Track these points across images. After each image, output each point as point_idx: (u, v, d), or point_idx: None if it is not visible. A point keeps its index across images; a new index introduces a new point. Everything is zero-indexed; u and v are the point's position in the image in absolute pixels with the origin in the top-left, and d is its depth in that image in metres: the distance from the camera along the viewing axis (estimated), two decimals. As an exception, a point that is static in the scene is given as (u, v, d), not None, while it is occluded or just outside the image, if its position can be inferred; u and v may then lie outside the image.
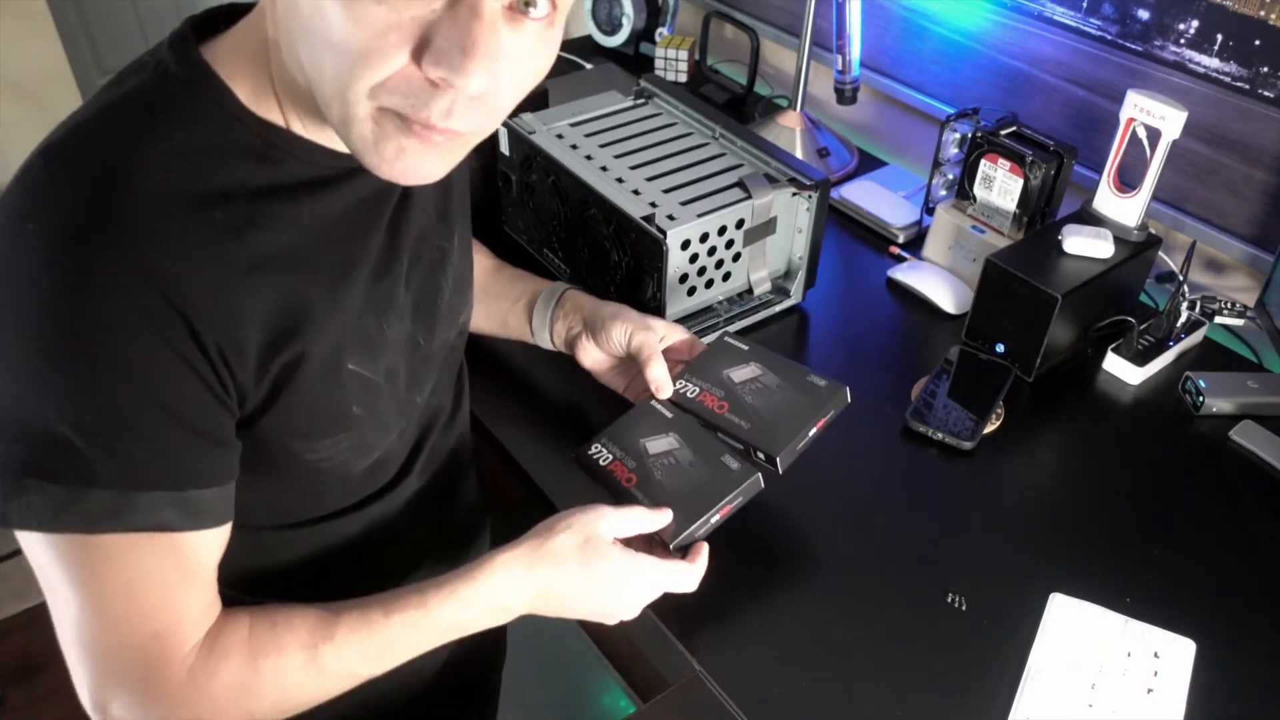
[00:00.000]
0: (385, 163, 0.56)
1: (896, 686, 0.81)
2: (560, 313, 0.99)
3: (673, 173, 1.15)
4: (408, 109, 0.53)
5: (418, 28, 0.51)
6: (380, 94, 0.53)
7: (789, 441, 0.86)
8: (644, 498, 0.84)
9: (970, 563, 0.92)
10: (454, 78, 0.51)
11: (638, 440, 0.89)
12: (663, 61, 1.71)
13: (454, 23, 0.51)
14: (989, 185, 1.22)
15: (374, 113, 0.54)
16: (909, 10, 1.45)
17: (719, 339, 0.96)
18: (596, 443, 0.90)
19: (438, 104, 0.53)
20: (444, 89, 0.52)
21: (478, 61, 0.51)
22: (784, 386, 0.91)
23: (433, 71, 0.51)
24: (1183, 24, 1.15)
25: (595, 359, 0.96)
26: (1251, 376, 1.12)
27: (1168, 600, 0.88)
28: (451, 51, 0.51)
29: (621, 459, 0.88)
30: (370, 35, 0.50)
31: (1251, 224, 1.18)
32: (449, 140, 0.56)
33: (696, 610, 0.87)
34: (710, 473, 0.85)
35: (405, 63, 0.52)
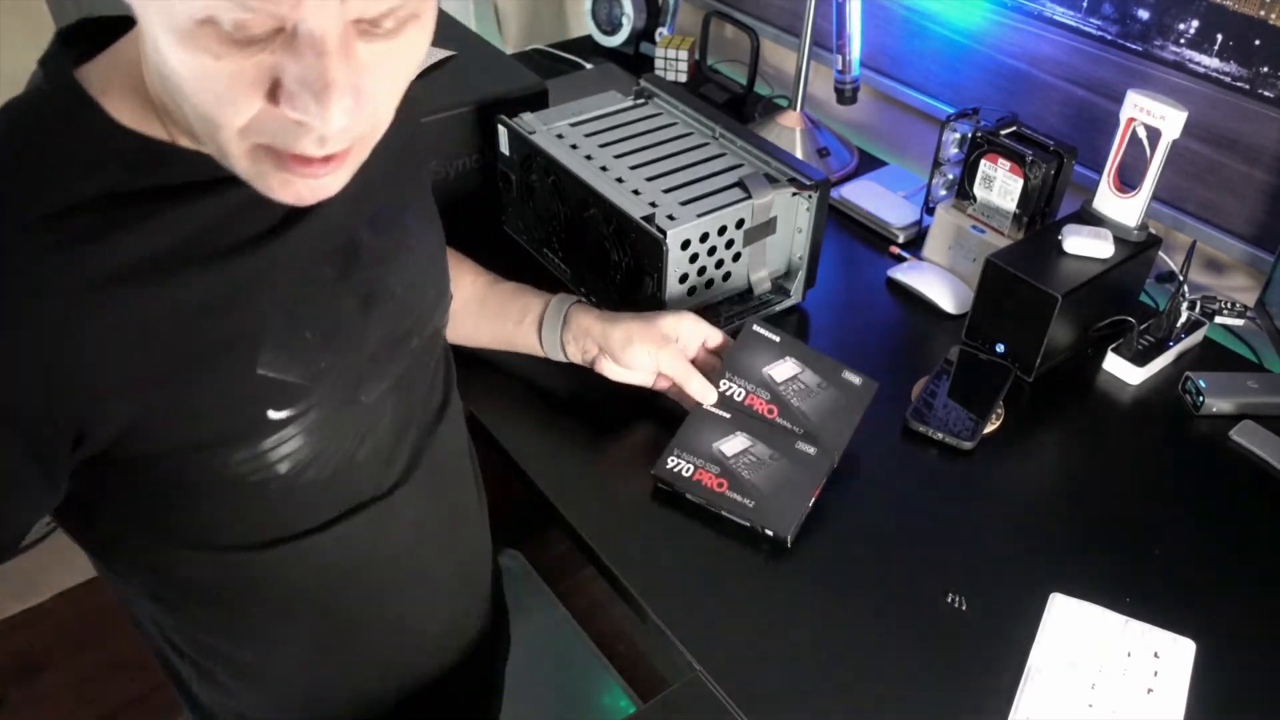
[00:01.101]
0: (275, 193, 0.55)
1: (896, 686, 0.81)
2: (569, 335, 0.99)
3: (673, 173, 1.15)
4: (280, 145, 0.52)
5: (262, 72, 0.49)
6: (249, 134, 0.51)
7: (842, 443, 0.95)
8: (743, 499, 0.91)
9: (970, 563, 0.92)
10: (312, 120, 0.49)
11: (710, 445, 0.94)
12: (663, 61, 1.71)
13: (298, 62, 0.48)
14: (989, 185, 1.22)
15: (248, 150, 0.53)
16: (909, 10, 1.45)
17: (749, 329, 1.01)
18: (672, 455, 0.94)
19: (307, 139, 0.51)
20: (308, 125, 0.50)
21: (334, 100, 0.49)
22: (824, 385, 0.99)
23: (290, 114, 0.49)
24: (1183, 24, 1.15)
25: (623, 376, 0.99)
26: (1251, 376, 1.12)
27: (1168, 600, 0.88)
28: (303, 94, 0.48)
29: (704, 466, 0.93)
30: (217, 87, 0.49)
31: (1251, 224, 1.18)
32: (335, 164, 0.54)
33: (696, 610, 0.87)
34: (792, 463, 0.93)
35: (262, 104, 0.50)
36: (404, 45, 0.52)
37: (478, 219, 1.36)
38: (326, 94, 0.48)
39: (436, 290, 0.80)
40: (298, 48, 0.48)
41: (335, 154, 0.54)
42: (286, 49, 0.48)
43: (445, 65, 1.35)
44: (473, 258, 1.06)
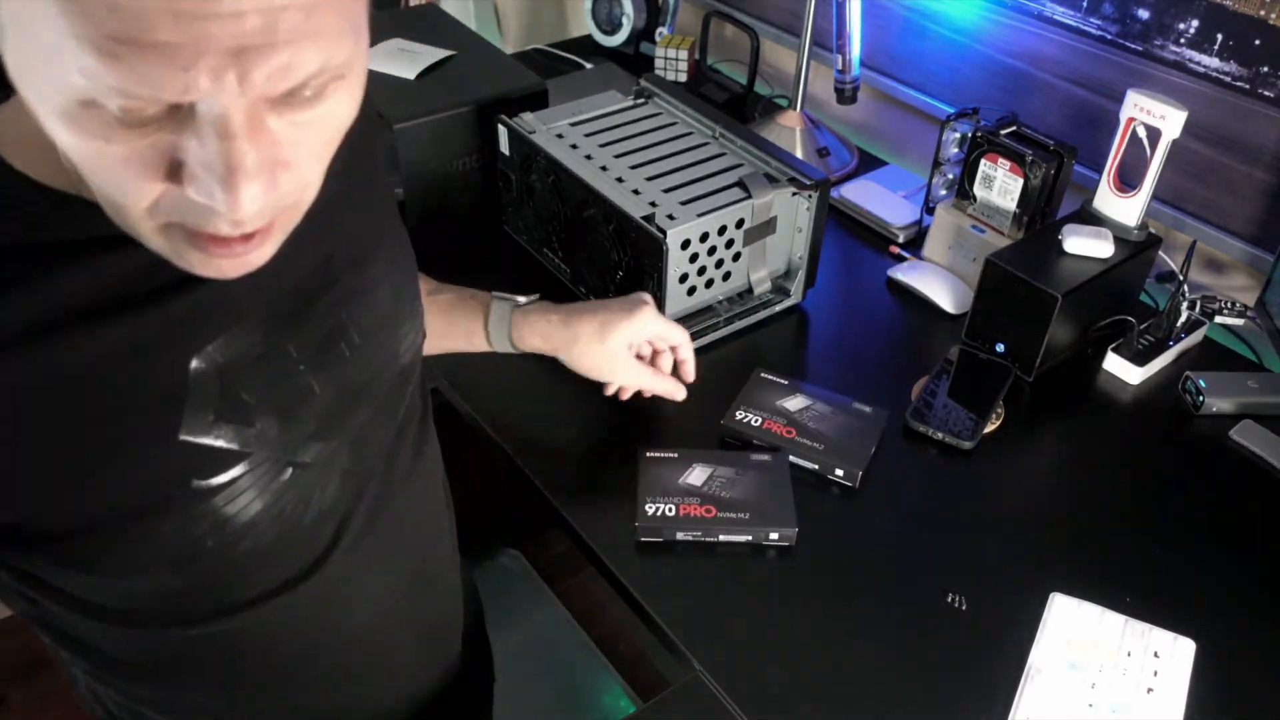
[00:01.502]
0: (196, 269, 0.49)
1: (897, 686, 0.81)
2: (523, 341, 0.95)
3: (673, 172, 1.15)
4: (192, 225, 0.46)
5: (160, 153, 0.43)
6: (157, 213, 0.45)
7: (863, 460, 0.98)
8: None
9: (970, 563, 0.92)
10: (220, 208, 0.43)
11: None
12: (663, 61, 1.71)
13: (200, 145, 0.42)
14: (989, 185, 1.22)
15: (159, 229, 0.46)
16: (909, 10, 1.45)
17: (756, 376, 1.08)
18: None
19: (219, 220, 0.45)
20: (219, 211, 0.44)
21: (243, 186, 0.43)
22: (836, 412, 1.04)
23: (195, 198, 0.43)
24: (1183, 24, 1.15)
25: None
26: (1251, 376, 1.12)
27: (1168, 600, 0.88)
28: (207, 180, 0.43)
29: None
30: (112, 171, 0.43)
31: (1251, 224, 1.18)
32: (257, 240, 0.48)
33: (696, 610, 0.87)
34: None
35: (164, 186, 0.44)
36: (328, 110, 0.46)
37: (478, 219, 1.36)
38: (233, 179, 0.42)
39: (403, 332, 0.71)
40: (198, 127, 0.42)
41: (253, 235, 0.48)
42: (185, 128, 0.42)
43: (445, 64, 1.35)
44: (473, 258, 1.06)
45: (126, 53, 0.38)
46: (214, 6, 0.38)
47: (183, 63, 0.39)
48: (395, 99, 1.22)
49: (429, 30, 1.44)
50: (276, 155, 0.45)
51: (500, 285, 1.26)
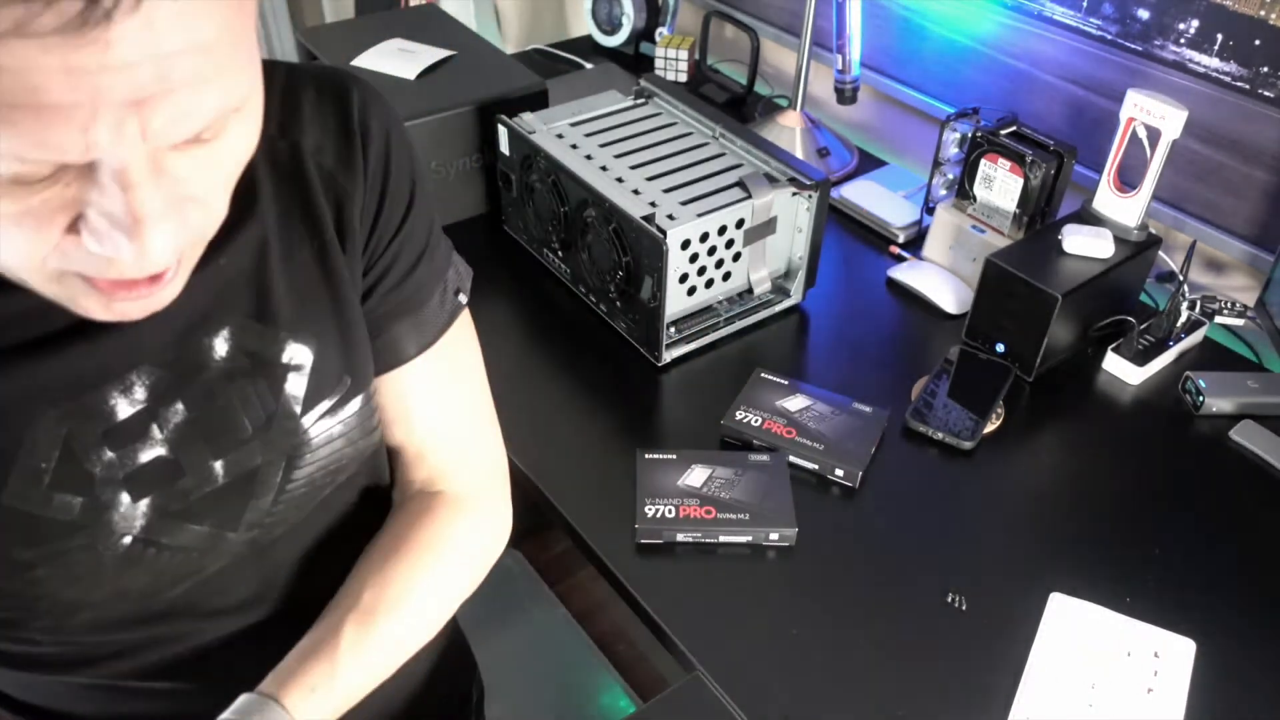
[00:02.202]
0: (97, 315, 0.47)
1: (896, 686, 0.81)
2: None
3: (673, 172, 1.15)
4: (90, 272, 0.43)
5: (55, 208, 0.40)
6: (52, 262, 0.43)
7: (863, 460, 0.98)
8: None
9: (970, 563, 0.92)
10: (126, 258, 0.41)
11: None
12: (663, 61, 1.71)
13: (100, 195, 0.40)
14: (989, 185, 1.22)
15: (53, 275, 0.44)
16: (909, 10, 1.45)
17: (756, 375, 1.07)
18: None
19: (119, 264, 0.42)
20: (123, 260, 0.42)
21: (150, 234, 0.41)
22: (836, 412, 1.03)
23: (97, 250, 0.41)
24: (1183, 24, 1.15)
25: None
26: (1251, 376, 1.12)
27: (1168, 600, 0.88)
28: (112, 233, 0.41)
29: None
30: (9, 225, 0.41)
31: (1251, 224, 1.18)
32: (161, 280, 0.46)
33: (696, 610, 0.87)
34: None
35: (61, 238, 0.41)
36: (228, 143, 0.45)
37: (478, 219, 1.36)
38: (138, 228, 0.41)
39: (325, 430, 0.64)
40: (97, 179, 0.40)
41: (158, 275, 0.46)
42: (82, 180, 0.40)
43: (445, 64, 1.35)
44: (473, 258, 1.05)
45: (21, 117, 0.36)
46: (105, 59, 0.36)
47: (80, 123, 0.37)
48: (395, 99, 1.21)
49: (429, 30, 1.44)
50: (181, 192, 0.43)
51: (500, 285, 1.26)
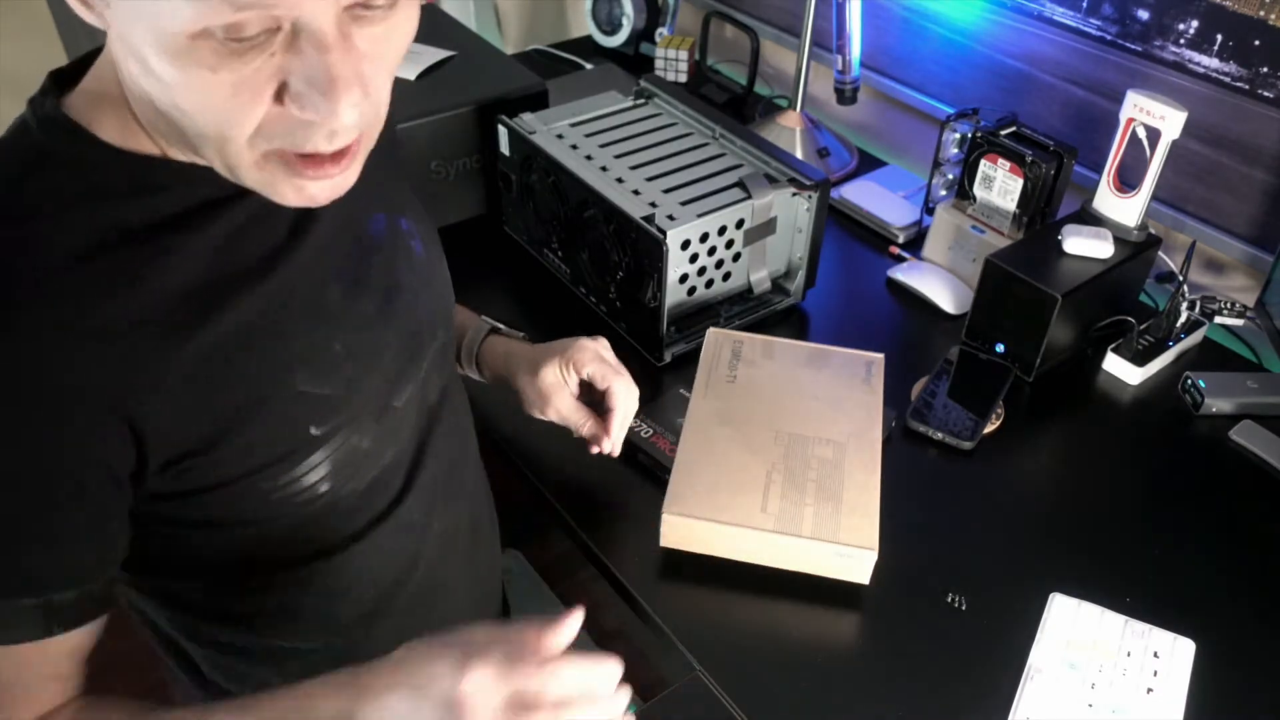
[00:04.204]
0: (289, 199, 0.55)
1: (896, 686, 0.81)
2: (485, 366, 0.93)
3: (673, 173, 1.15)
4: (291, 146, 0.51)
5: (266, 77, 0.48)
6: (258, 141, 0.51)
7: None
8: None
9: (970, 563, 0.92)
10: (324, 118, 0.49)
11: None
12: (663, 61, 1.71)
13: (302, 62, 0.47)
14: (989, 185, 1.22)
15: (258, 160, 0.52)
16: (909, 10, 1.45)
17: (674, 391, 1.07)
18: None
19: (318, 135, 0.51)
20: (319, 123, 0.50)
21: (342, 95, 0.48)
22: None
23: (300, 114, 0.49)
24: (1182, 24, 1.15)
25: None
26: (1251, 376, 1.12)
27: (1168, 600, 0.88)
28: (311, 94, 0.48)
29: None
30: (219, 99, 0.48)
31: (1251, 224, 1.18)
32: (345, 159, 0.54)
33: (696, 610, 0.87)
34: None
35: (268, 108, 0.49)
36: (398, 23, 0.52)
37: (478, 219, 1.36)
38: (334, 89, 0.48)
39: (441, 292, 0.79)
40: (298, 46, 0.47)
41: (345, 149, 0.53)
42: (286, 49, 0.47)
43: (445, 65, 1.35)
44: (473, 258, 1.06)
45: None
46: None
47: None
48: (395, 99, 1.21)
49: (429, 30, 1.44)
50: (362, 70, 0.50)
51: (500, 285, 1.26)
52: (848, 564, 0.87)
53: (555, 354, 0.86)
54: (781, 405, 0.98)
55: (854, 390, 1.01)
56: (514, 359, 0.89)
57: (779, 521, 0.87)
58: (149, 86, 0.50)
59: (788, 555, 0.88)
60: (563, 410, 0.87)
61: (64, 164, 0.55)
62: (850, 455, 0.94)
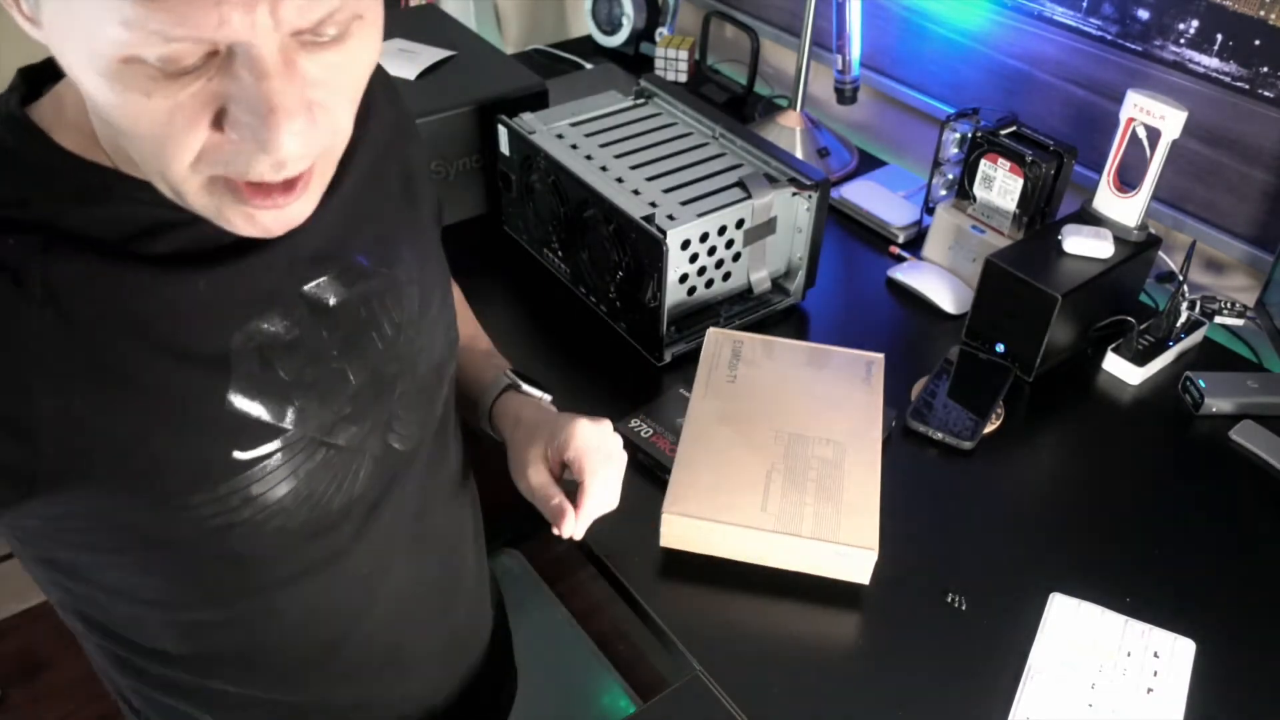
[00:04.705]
0: (239, 229, 0.52)
1: (896, 686, 0.81)
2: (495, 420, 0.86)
3: (673, 173, 1.15)
4: (235, 174, 0.48)
5: (202, 102, 0.45)
6: (201, 167, 0.48)
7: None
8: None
9: (970, 563, 0.92)
10: (264, 147, 0.46)
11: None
12: (663, 61, 1.71)
13: (240, 88, 0.45)
14: (989, 185, 1.22)
15: (204, 184, 0.49)
16: (909, 10, 1.45)
17: (673, 390, 1.07)
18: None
19: (262, 164, 0.47)
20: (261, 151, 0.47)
21: (283, 123, 0.45)
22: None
23: (239, 142, 0.46)
24: (1183, 24, 1.15)
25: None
26: (1251, 376, 1.12)
27: (1168, 600, 0.88)
28: (251, 121, 0.45)
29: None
30: (155, 125, 0.46)
31: (1251, 224, 1.18)
32: (298, 188, 0.51)
33: (696, 610, 0.87)
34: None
35: (207, 135, 0.47)
36: (352, 51, 0.49)
37: (478, 219, 1.36)
38: (274, 118, 0.45)
39: (433, 332, 0.73)
40: (235, 71, 0.44)
41: (296, 177, 0.50)
42: (224, 73, 0.45)
43: (445, 65, 1.35)
44: (473, 258, 1.06)
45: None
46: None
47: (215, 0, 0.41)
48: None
49: (429, 30, 1.44)
50: (310, 96, 0.47)
51: (500, 285, 1.26)
52: (848, 564, 0.87)
53: (550, 427, 0.79)
54: (781, 405, 0.98)
55: (854, 390, 1.01)
56: (522, 426, 0.82)
57: (779, 521, 0.87)
58: (98, 113, 0.48)
59: (788, 555, 0.88)
60: (532, 482, 0.78)
61: (12, 161, 0.54)
62: (850, 455, 0.94)
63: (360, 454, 0.67)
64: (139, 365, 0.55)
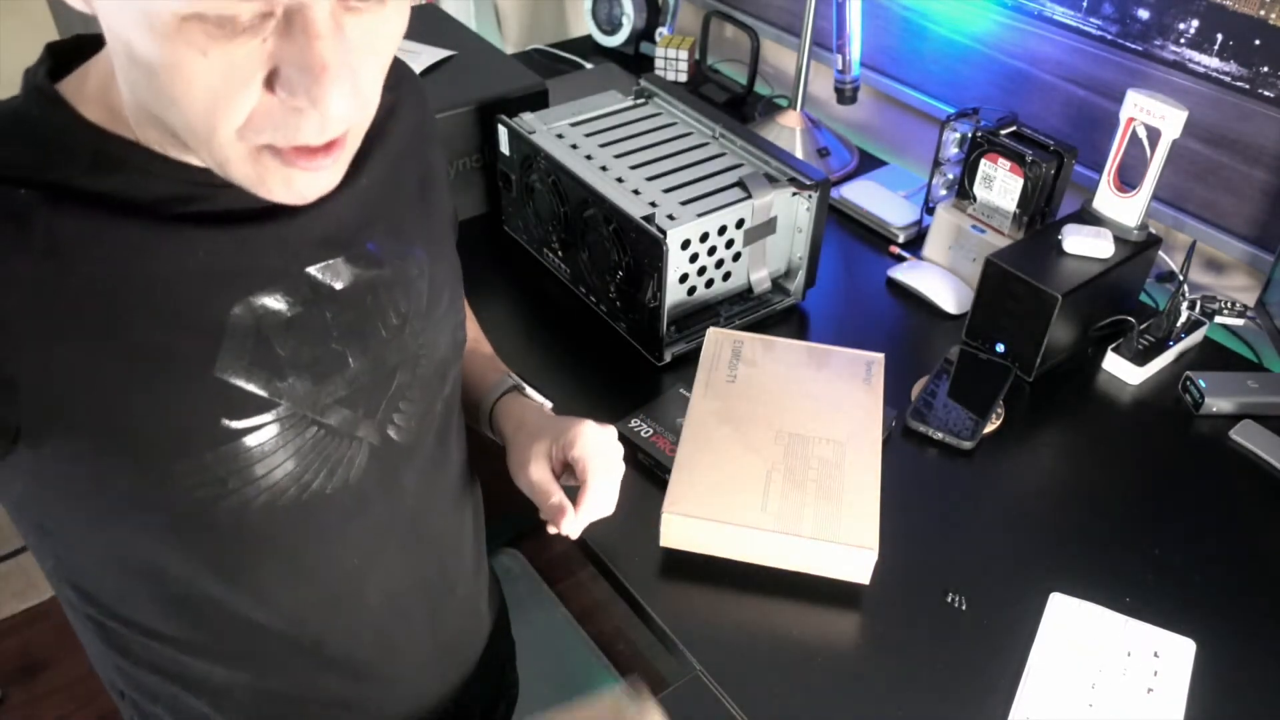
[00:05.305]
0: (276, 195, 0.54)
1: (896, 686, 0.81)
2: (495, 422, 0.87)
3: (673, 172, 1.15)
4: (280, 140, 0.51)
5: (256, 62, 0.48)
6: (247, 134, 0.50)
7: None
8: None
9: (970, 563, 0.92)
10: (313, 105, 0.49)
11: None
12: (663, 61, 1.71)
13: (292, 47, 0.47)
14: (989, 185, 1.22)
15: (249, 153, 0.52)
16: (909, 10, 1.45)
17: (673, 390, 1.07)
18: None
19: (307, 127, 0.50)
20: (308, 111, 0.49)
21: (333, 82, 0.48)
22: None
23: (289, 101, 0.49)
24: (1183, 24, 1.15)
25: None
26: (1251, 376, 1.12)
27: (1168, 600, 0.88)
28: (302, 80, 0.48)
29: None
30: (209, 85, 0.47)
31: (1251, 224, 1.18)
32: (334, 151, 0.54)
33: (696, 610, 0.87)
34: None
35: (259, 97, 0.49)
36: (388, 16, 0.51)
37: (478, 219, 1.36)
38: (324, 77, 0.48)
39: (440, 328, 0.74)
40: (290, 32, 0.47)
41: (333, 141, 0.53)
42: (278, 35, 0.47)
43: (445, 65, 1.35)
44: (473, 258, 1.06)
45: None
46: None
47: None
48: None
49: (429, 30, 1.44)
50: (352, 61, 0.50)
51: (500, 285, 1.26)
52: (848, 564, 0.87)
53: (556, 426, 0.80)
54: (781, 405, 0.98)
55: (854, 390, 1.01)
56: (525, 427, 0.82)
57: (779, 521, 0.87)
58: (137, 78, 0.50)
59: (788, 555, 0.88)
60: (533, 477, 0.79)
61: (33, 129, 0.56)
62: (850, 455, 0.94)
63: (355, 440, 0.67)
64: (130, 324, 0.56)
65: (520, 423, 0.83)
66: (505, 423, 0.84)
